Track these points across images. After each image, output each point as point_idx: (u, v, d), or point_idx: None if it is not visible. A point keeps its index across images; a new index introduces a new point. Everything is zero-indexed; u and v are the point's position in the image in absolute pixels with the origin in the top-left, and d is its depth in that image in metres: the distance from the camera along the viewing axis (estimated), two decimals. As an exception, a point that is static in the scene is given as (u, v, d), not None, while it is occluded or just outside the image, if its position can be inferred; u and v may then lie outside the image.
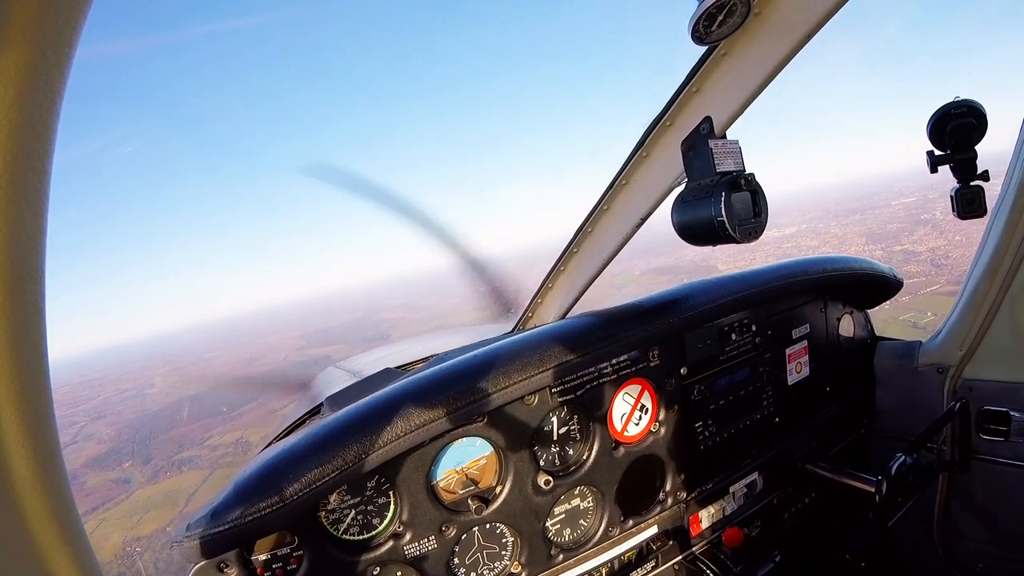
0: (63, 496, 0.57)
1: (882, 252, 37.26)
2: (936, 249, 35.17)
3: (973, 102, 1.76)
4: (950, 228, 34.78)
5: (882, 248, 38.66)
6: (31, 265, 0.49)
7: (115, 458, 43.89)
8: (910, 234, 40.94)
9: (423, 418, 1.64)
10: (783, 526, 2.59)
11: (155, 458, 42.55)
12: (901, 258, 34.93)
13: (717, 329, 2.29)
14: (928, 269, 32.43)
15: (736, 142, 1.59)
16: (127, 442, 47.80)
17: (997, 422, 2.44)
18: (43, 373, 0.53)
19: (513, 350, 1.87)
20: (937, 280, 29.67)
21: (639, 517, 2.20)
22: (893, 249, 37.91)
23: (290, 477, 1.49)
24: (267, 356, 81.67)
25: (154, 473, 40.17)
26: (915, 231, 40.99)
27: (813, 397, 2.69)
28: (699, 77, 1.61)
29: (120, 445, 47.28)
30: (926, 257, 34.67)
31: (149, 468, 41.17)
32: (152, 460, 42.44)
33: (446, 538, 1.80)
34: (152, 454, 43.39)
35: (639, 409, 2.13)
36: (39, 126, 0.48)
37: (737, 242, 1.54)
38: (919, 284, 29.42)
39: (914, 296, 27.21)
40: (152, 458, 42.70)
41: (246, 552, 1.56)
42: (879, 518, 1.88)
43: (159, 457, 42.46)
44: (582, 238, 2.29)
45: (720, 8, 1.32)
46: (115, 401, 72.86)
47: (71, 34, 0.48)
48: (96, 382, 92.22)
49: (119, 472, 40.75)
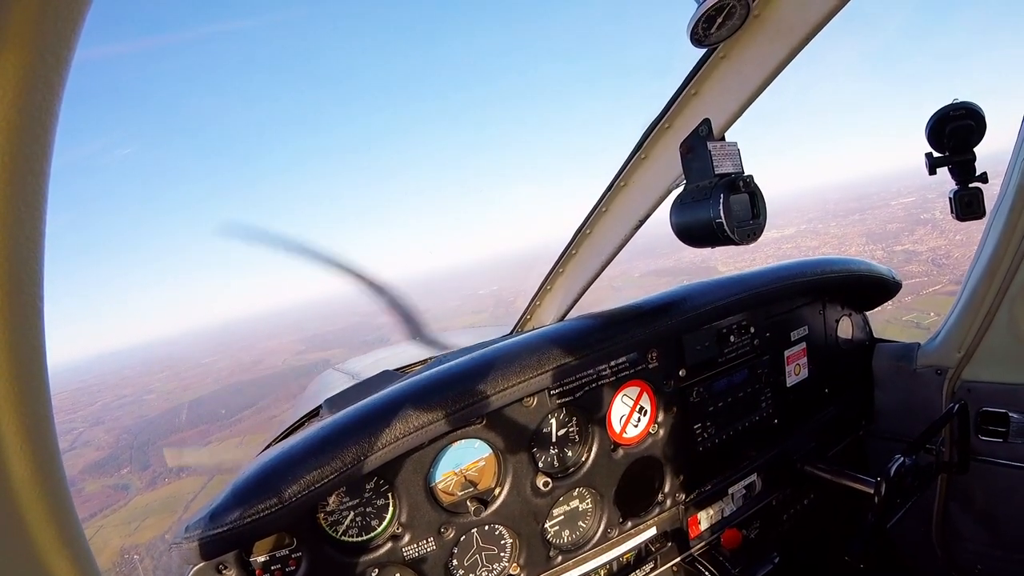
0: (62, 499, 0.57)
1: (883, 252, 37.24)
2: (937, 249, 35.09)
3: (972, 104, 1.76)
4: (950, 228, 34.77)
5: (883, 248, 38.64)
6: (30, 267, 0.49)
7: (113, 464, 43.71)
8: (910, 234, 40.93)
9: (422, 420, 1.64)
10: (782, 527, 2.59)
11: (153, 464, 42.41)
12: (902, 258, 34.89)
13: (716, 331, 2.29)
14: (930, 269, 32.37)
15: (735, 144, 1.59)
16: (125, 448, 47.65)
17: (996, 423, 2.44)
18: (42, 376, 0.53)
19: (512, 352, 1.87)
20: (939, 280, 29.64)
21: (638, 519, 2.20)
22: (894, 249, 37.88)
23: (289, 479, 1.49)
24: (266, 361, 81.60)
25: (152, 479, 40.01)
26: (915, 231, 40.97)
27: (812, 399, 2.69)
28: (698, 79, 1.62)
29: (118, 451, 47.13)
30: (927, 257, 34.58)
31: (147, 474, 41.00)
32: (150, 466, 42.28)
33: (445, 540, 1.80)
34: (150, 460, 43.23)
35: (638, 411, 2.13)
36: (38, 128, 0.48)
37: (736, 244, 1.54)
38: (921, 284, 29.42)
39: (916, 296, 27.22)
40: (150, 464, 42.55)
41: (245, 554, 1.56)
42: (878, 519, 1.88)
43: (157, 463, 42.31)
44: (580, 240, 2.30)
45: (719, 10, 1.32)
46: (113, 407, 72.76)
47: (70, 36, 0.48)
48: (94, 388, 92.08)
49: (117, 478, 40.55)
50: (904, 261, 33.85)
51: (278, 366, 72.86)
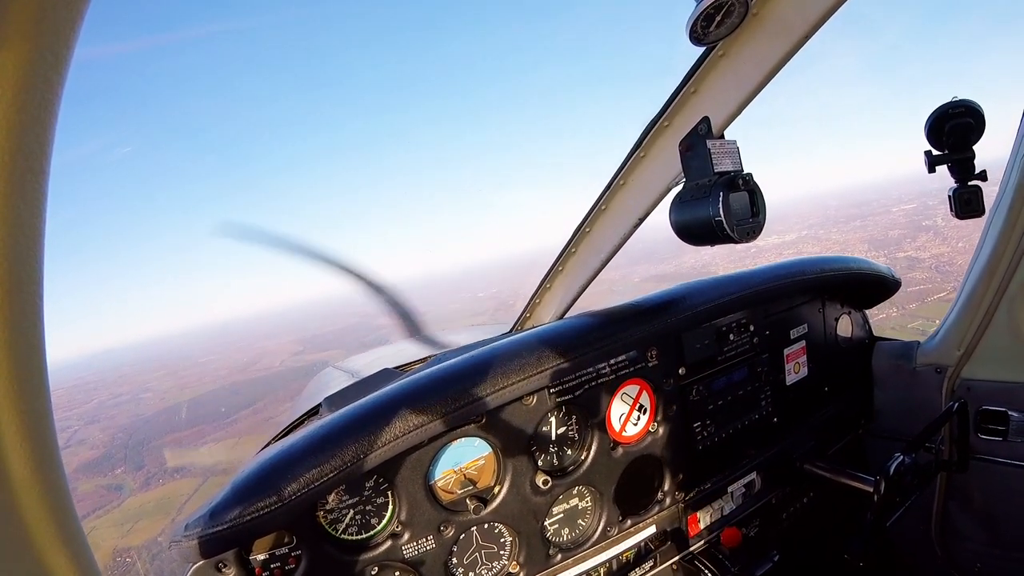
0: (61, 495, 0.57)
1: (885, 259, 37.12)
2: (940, 256, 34.88)
3: (971, 102, 1.76)
4: (953, 235, 34.64)
5: (885, 255, 38.56)
6: (30, 265, 0.49)
7: (108, 464, 43.45)
8: (912, 240, 40.83)
9: (421, 418, 1.64)
10: (781, 526, 2.59)
11: (148, 464, 42.15)
12: (905, 264, 34.72)
13: (715, 329, 2.29)
14: (934, 276, 32.22)
15: (734, 142, 1.59)
16: (120, 447, 47.46)
17: (995, 422, 2.44)
18: (41, 373, 0.53)
19: (511, 350, 1.87)
20: (944, 287, 29.48)
21: (637, 517, 2.20)
22: (896, 256, 37.78)
23: (288, 477, 1.49)
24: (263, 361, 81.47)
25: (147, 480, 39.75)
26: (917, 237, 40.86)
27: (811, 397, 2.69)
28: (697, 78, 1.61)
29: (113, 450, 46.94)
30: (931, 264, 34.41)
31: (142, 474, 40.69)
32: (145, 466, 41.99)
33: (444, 538, 1.81)
34: (145, 460, 42.95)
35: (637, 409, 2.13)
36: (38, 126, 0.48)
37: (735, 242, 1.54)
38: (926, 291, 29.24)
39: (922, 303, 27.11)
40: (145, 464, 42.28)
41: (244, 552, 1.56)
42: (877, 518, 1.88)
43: (152, 463, 42.10)
44: (580, 239, 2.29)
45: (718, 9, 1.32)
46: (109, 405, 72.68)
47: (69, 34, 0.48)
48: (91, 385, 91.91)
49: (111, 478, 40.29)
50: (907, 268, 33.74)
51: (276, 367, 72.75)
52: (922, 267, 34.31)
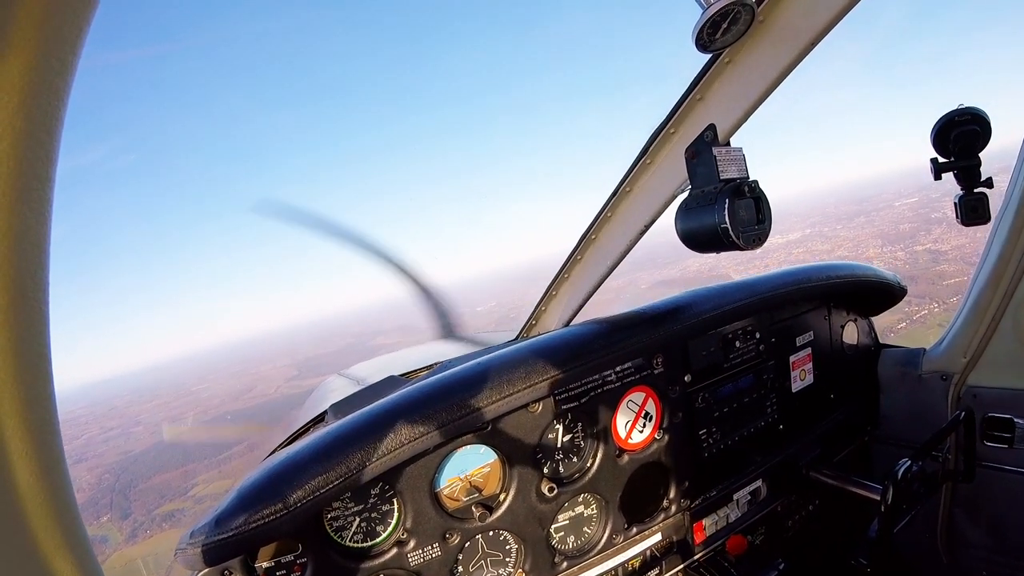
0: (66, 502, 0.57)
1: (903, 253, 36.43)
2: (962, 247, 34.07)
3: (977, 110, 1.76)
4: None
5: (902, 248, 37.76)
6: (36, 273, 0.50)
7: (93, 511, 42.74)
8: (927, 233, 40.16)
9: (427, 426, 1.63)
10: (787, 533, 2.57)
11: (135, 511, 41.38)
12: (928, 259, 33.90)
13: (721, 336, 2.29)
14: (964, 268, 31.11)
15: (740, 149, 1.59)
16: (107, 491, 46.98)
17: (1001, 429, 2.43)
18: (47, 381, 0.53)
19: (517, 358, 1.86)
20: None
21: (643, 524, 2.19)
22: (915, 250, 37.01)
23: (294, 484, 1.49)
24: (258, 388, 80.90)
25: (133, 531, 39.11)
26: (932, 230, 40.15)
27: (817, 404, 2.68)
28: (703, 85, 1.62)
29: (99, 494, 46.42)
30: (954, 255, 33.58)
31: (128, 524, 40.03)
32: (132, 514, 41.29)
33: (449, 545, 1.80)
34: (132, 507, 42.14)
35: (643, 417, 2.12)
36: (43, 133, 0.48)
37: (741, 249, 1.54)
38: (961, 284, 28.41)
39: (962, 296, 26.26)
40: (131, 512, 41.50)
41: (250, 559, 1.56)
42: (883, 526, 1.87)
43: (139, 510, 41.30)
44: (586, 246, 2.29)
45: (724, 16, 1.33)
46: (99, 441, 72.09)
47: (75, 40, 0.48)
48: (82, 419, 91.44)
49: (96, 528, 39.59)
50: (931, 262, 32.94)
51: (271, 393, 72.30)
52: (947, 259, 33.56)
